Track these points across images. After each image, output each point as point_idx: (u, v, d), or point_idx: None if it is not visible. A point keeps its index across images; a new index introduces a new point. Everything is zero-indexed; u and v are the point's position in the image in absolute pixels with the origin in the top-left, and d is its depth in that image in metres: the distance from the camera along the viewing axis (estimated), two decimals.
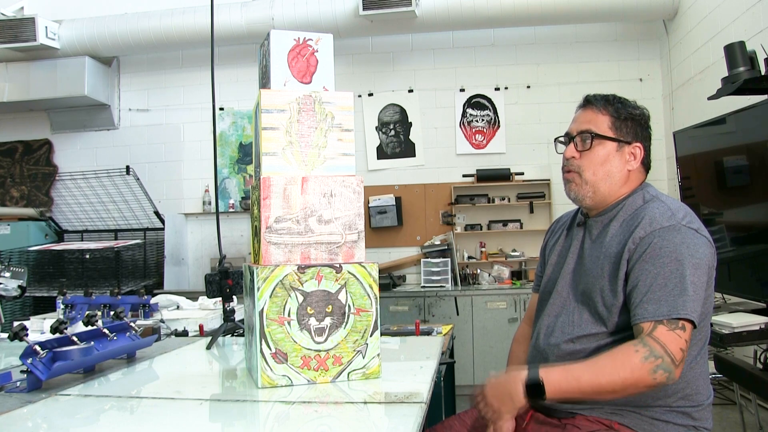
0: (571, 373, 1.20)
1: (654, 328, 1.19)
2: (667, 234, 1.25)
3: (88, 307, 2.34)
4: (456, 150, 5.00)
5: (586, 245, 1.42)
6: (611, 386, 1.17)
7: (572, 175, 1.42)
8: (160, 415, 1.22)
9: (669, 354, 1.16)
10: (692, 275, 1.21)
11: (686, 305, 1.19)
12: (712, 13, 3.72)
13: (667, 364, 1.16)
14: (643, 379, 1.16)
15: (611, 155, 1.39)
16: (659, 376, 1.16)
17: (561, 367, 1.22)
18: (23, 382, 1.37)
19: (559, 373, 1.20)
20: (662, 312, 1.19)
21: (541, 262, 1.63)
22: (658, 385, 1.17)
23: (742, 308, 2.56)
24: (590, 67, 4.85)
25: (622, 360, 1.17)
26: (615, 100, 1.42)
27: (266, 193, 1.38)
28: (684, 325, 1.19)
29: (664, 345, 1.17)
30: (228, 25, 4.60)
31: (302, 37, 1.47)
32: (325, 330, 1.36)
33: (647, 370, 1.16)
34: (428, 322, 4.21)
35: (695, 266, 1.22)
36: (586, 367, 1.20)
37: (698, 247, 1.24)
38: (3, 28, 4.65)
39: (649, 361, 1.16)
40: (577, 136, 1.41)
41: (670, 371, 1.16)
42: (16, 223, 5.02)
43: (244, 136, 5.21)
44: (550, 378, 1.19)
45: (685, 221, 1.27)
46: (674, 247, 1.23)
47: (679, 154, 3.30)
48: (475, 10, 4.39)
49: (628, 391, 1.18)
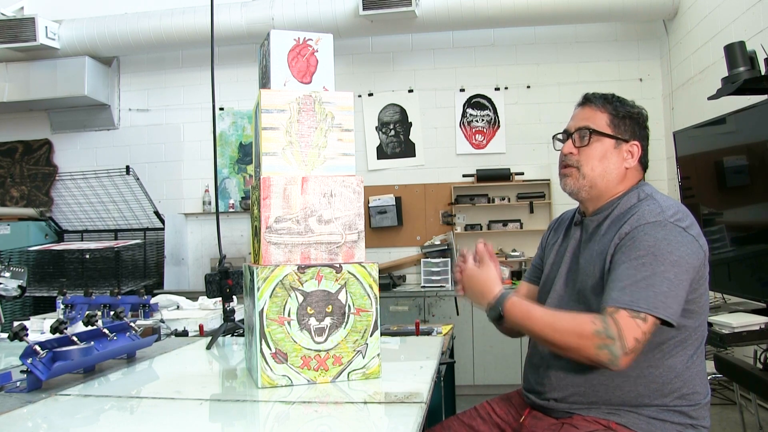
0: (531, 312, 1.28)
1: (616, 312, 1.19)
2: (650, 229, 1.25)
3: (88, 307, 2.34)
4: (456, 150, 5.00)
5: (581, 244, 1.43)
6: (555, 341, 1.24)
7: (570, 170, 1.43)
8: (160, 415, 1.22)
9: (622, 339, 1.17)
10: (668, 272, 1.21)
11: (650, 300, 1.19)
12: (712, 13, 3.72)
13: (616, 347, 1.17)
14: (586, 349, 1.19)
15: (609, 152, 1.40)
16: (603, 354, 1.17)
17: (526, 304, 1.31)
18: (23, 382, 1.37)
19: (520, 309, 1.30)
20: (624, 300, 1.20)
21: (539, 254, 1.64)
22: (597, 362, 1.19)
23: (742, 308, 2.56)
24: (590, 67, 4.85)
25: (578, 325, 1.21)
26: (613, 98, 1.43)
27: (266, 193, 1.38)
28: (646, 317, 1.18)
29: (620, 329, 1.17)
30: (228, 25, 4.60)
31: (302, 37, 1.47)
32: (325, 330, 1.36)
33: (594, 343, 1.18)
34: (428, 322, 4.21)
35: (673, 263, 1.21)
36: (545, 315, 1.27)
37: (680, 245, 1.23)
38: (3, 28, 4.65)
39: (600, 337, 1.17)
40: (575, 132, 1.42)
41: (616, 356, 1.17)
42: (16, 223, 5.02)
43: (244, 136, 5.21)
44: (512, 309, 1.30)
45: (674, 218, 1.26)
46: (654, 242, 1.23)
47: (679, 154, 3.30)
48: (475, 10, 4.39)
49: (567, 353, 1.23)
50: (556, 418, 1.35)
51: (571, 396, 1.32)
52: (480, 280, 1.39)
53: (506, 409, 1.50)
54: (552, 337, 1.23)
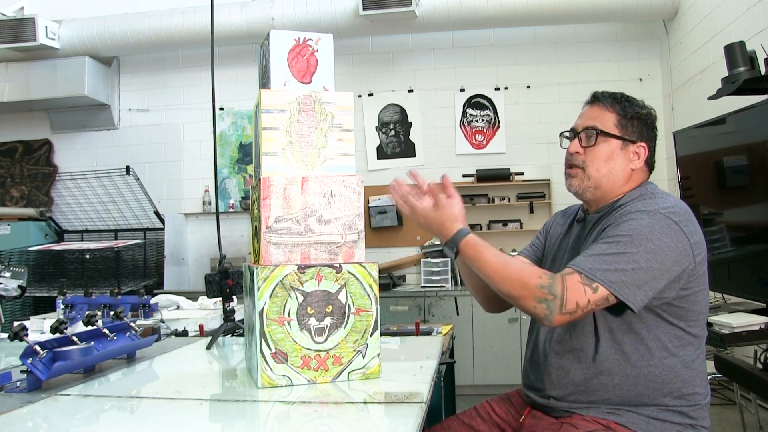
0: (483, 254, 1.27)
1: (571, 274, 1.21)
2: (638, 215, 1.26)
3: (88, 307, 2.34)
4: (456, 150, 5.00)
5: (580, 240, 1.43)
6: (500, 286, 1.25)
7: (575, 170, 1.42)
8: (160, 415, 1.22)
9: (563, 298, 1.18)
10: (639, 255, 1.20)
11: (608, 274, 1.19)
12: (712, 13, 3.72)
13: (554, 305, 1.18)
14: (525, 300, 1.21)
15: (615, 153, 1.39)
16: (540, 308, 1.19)
17: (481, 246, 1.29)
18: (23, 382, 1.37)
19: (474, 249, 1.28)
20: (584, 267, 1.21)
21: (541, 239, 1.63)
22: (533, 314, 1.21)
23: (742, 308, 2.56)
24: (590, 67, 4.85)
25: (524, 275, 1.22)
26: (622, 98, 1.42)
27: (266, 193, 1.38)
28: (597, 288, 1.19)
29: (565, 289, 1.18)
30: (228, 25, 4.60)
31: (302, 37, 1.47)
32: (325, 330, 1.36)
33: (534, 296, 1.19)
34: (428, 322, 4.21)
35: (648, 250, 1.21)
36: (497, 260, 1.26)
37: (663, 235, 1.22)
38: (3, 28, 4.65)
39: (542, 291, 1.19)
40: (582, 132, 1.41)
41: (552, 312, 1.18)
42: (16, 223, 5.02)
43: (244, 136, 5.21)
44: (466, 249, 1.29)
45: (666, 210, 1.26)
46: (636, 226, 1.24)
47: (679, 154, 3.30)
48: (475, 10, 4.39)
49: (509, 300, 1.26)
50: (556, 418, 1.35)
51: (571, 394, 1.32)
52: (435, 220, 1.36)
53: (506, 409, 1.50)
54: (498, 282, 1.25)
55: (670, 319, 1.28)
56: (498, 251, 1.31)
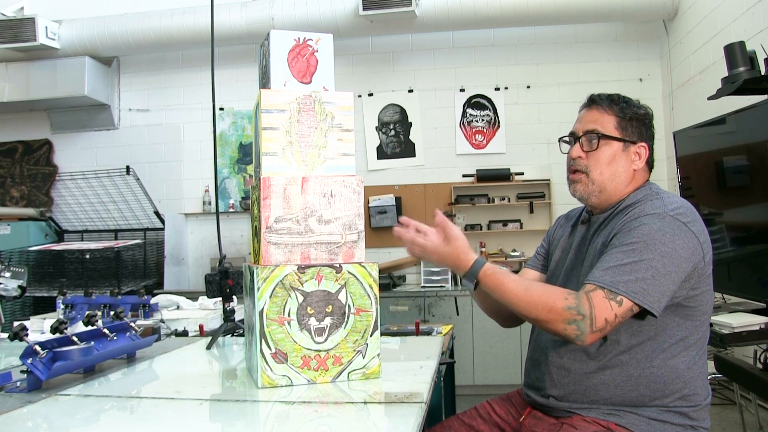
0: (504, 283, 1.26)
1: (593, 290, 1.20)
2: (648, 220, 1.26)
3: (88, 307, 2.34)
4: (456, 150, 5.01)
5: (586, 241, 1.43)
6: (525, 312, 1.24)
7: (579, 176, 1.42)
8: (160, 415, 1.22)
9: (592, 317, 1.17)
10: (656, 260, 1.21)
11: (630, 284, 1.19)
12: (712, 13, 3.72)
13: (584, 324, 1.18)
14: (555, 324, 1.20)
15: (617, 155, 1.39)
16: (570, 329, 1.18)
17: (500, 274, 1.28)
18: (23, 382, 1.36)
19: (493, 279, 1.28)
20: (604, 281, 1.20)
21: (544, 245, 1.63)
22: (564, 336, 1.20)
23: (742, 308, 2.56)
24: (590, 67, 4.85)
25: (549, 299, 1.21)
26: (620, 99, 1.42)
27: (266, 193, 1.38)
28: (622, 301, 1.19)
29: (592, 307, 1.18)
30: (228, 25, 4.60)
31: (302, 37, 1.47)
32: (325, 330, 1.36)
33: (563, 319, 1.19)
34: (428, 322, 4.21)
35: (664, 254, 1.21)
36: (518, 286, 1.26)
37: (676, 238, 1.23)
38: (3, 28, 4.65)
39: (570, 312, 1.18)
40: (583, 136, 1.41)
41: (584, 332, 1.18)
42: (16, 223, 5.02)
43: (244, 136, 5.21)
44: (485, 280, 1.29)
45: (674, 212, 1.26)
46: (649, 231, 1.24)
47: (679, 154, 3.30)
48: (475, 10, 4.39)
49: (537, 325, 1.28)
50: (556, 418, 1.35)
51: (571, 394, 1.32)
52: (449, 255, 1.33)
53: (506, 409, 1.50)
54: (523, 308, 1.24)
55: (675, 320, 1.28)
56: (517, 276, 1.31)
